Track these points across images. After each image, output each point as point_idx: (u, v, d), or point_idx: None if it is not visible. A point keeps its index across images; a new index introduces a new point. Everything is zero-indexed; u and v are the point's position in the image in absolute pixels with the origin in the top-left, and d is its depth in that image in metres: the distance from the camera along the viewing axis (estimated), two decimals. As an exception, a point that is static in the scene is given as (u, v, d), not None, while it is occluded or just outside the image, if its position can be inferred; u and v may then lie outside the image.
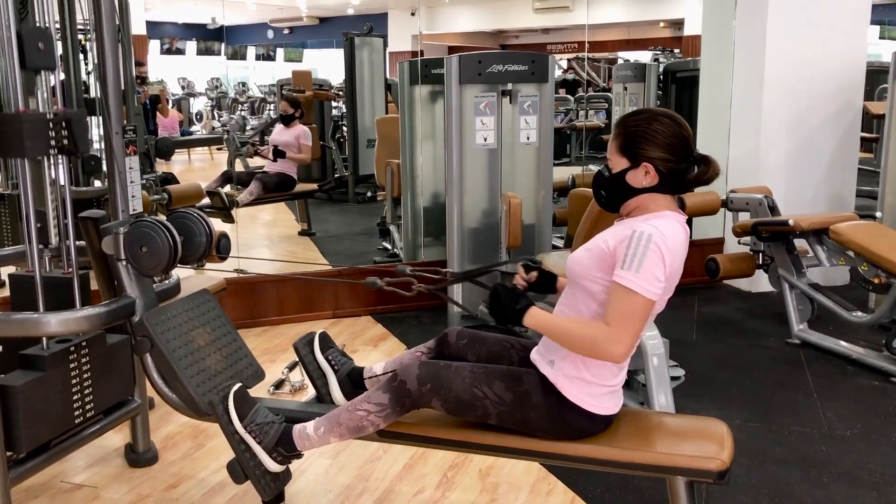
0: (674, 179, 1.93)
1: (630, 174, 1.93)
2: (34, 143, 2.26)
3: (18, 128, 2.23)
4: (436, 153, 5.21)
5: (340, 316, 4.53)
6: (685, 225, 1.94)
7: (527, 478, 2.70)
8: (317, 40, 15.74)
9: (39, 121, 2.28)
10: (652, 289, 1.81)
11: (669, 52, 12.51)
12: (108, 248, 2.29)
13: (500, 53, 4.32)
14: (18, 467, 2.25)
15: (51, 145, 2.31)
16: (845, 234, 3.66)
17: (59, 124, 2.32)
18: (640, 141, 1.91)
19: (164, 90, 10.37)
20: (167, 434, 3.04)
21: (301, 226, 6.64)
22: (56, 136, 2.31)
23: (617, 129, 1.98)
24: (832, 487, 2.63)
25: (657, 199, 1.94)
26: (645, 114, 1.96)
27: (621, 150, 1.95)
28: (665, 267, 1.82)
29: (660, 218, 1.90)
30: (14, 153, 2.28)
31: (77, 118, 2.38)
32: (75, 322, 2.21)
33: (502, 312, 1.98)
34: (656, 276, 1.81)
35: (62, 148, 2.33)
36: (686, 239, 1.93)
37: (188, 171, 9.66)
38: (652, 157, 1.90)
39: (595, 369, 1.94)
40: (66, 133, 2.34)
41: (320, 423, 2.12)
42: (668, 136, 1.90)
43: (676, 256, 1.88)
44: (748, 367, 3.75)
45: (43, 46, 2.32)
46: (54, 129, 2.31)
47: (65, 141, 2.33)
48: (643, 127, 1.92)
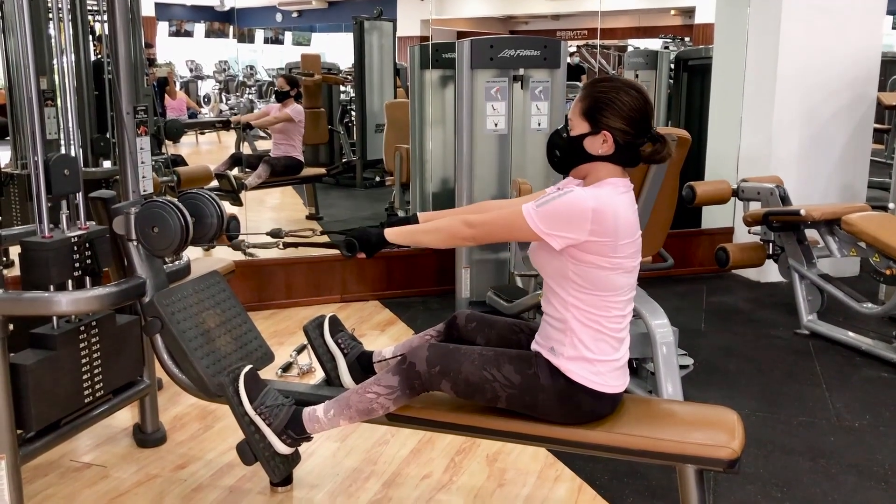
0: (628, 152, 1.94)
1: (588, 140, 1.94)
2: (59, 270, 2.29)
3: (45, 257, 2.26)
4: (445, 138, 5.19)
5: (348, 300, 4.53)
6: (630, 191, 1.96)
7: (534, 464, 2.70)
8: (325, 24, 15.69)
9: (64, 248, 2.31)
10: (540, 224, 1.87)
11: (680, 40, 12.41)
12: (119, 228, 2.29)
13: (512, 38, 4.29)
14: (28, 445, 2.25)
15: (75, 268, 2.34)
16: (857, 225, 3.63)
17: (83, 246, 2.36)
18: (605, 108, 1.91)
19: (172, 72, 10.34)
20: (176, 415, 3.05)
21: (309, 210, 6.64)
22: (80, 259, 2.36)
23: (584, 91, 1.97)
24: (840, 478, 2.63)
25: (607, 168, 1.95)
26: (615, 82, 1.95)
27: (584, 113, 1.95)
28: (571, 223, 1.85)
29: (598, 186, 1.93)
30: (39, 283, 2.29)
31: (99, 237, 2.42)
32: (86, 302, 2.21)
33: (366, 240, 2.12)
34: (550, 220, 1.87)
35: (85, 269, 2.38)
36: (631, 204, 1.95)
37: (196, 154, 9.66)
38: (612, 126, 1.91)
39: (594, 345, 1.95)
40: (90, 254, 2.38)
41: (330, 406, 2.13)
42: (632, 108, 1.91)
43: (609, 218, 1.87)
44: (757, 357, 3.73)
45: (68, 173, 2.36)
46: (78, 252, 2.35)
47: (88, 262, 2.38)
48: (611, 95, 1.91)
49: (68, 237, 2.33)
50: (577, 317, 1.94)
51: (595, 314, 1.94)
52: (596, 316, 1.94)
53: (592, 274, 1.91)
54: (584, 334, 1.95)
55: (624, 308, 1.98)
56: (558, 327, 1.98)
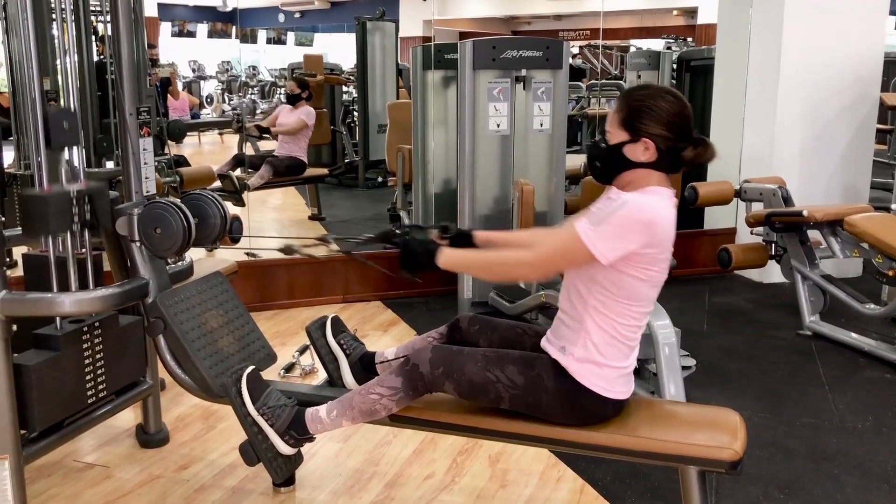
0: (670, 158, 1.93)
1: (628, 148, 1.93)
2: (58, 222, 2.28)
3: (44, 209, 2.25)
4: (448, 139, 5.19)
5: (350, 301, 4.53)
6: (673, 199, 1.94)
7: (536, 465, 2.70)
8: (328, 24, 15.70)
9: (63, 199, 2.29)
10: (600, 247, 1.82)
11: (682, 41, 12.41)
12: (122, 229, 2.30)
13: (514, 39, 4.29)
14: (31, 446, 2.26)
15: (74, 221, 2.32)
16: (860, 226, 3.63)
17: (83, 200, 2.34)
18: (643, 116, 1.91)
19: (175, 73, 10.35)
20: (178, 415, 3.06)
21: (311, 210, 6.64)
22: (79, 212, 2.34)
23: (620, 102, 1.97)
24: (843, 479, 2.63)
25: (651, 175, 1.94)
26: (651, 89, 1.95)
27: (623, 123, 1.94)
28: (630, 236, 1.82)
29: (647, 193, 1.90)
30: (40, 233, 2.30)
31: (99, 192, 2.40)
32: (89, 302, 2.21)
33: (413, 258, 2.01)
34: (610, 237, 1.83)
35: (84, 223, 2.36)
36: (674, 217, 1.93)
37: (198, 154, 9.66)
38: (652, 133, 1.90)
39: (605, 350, 1.95)
40: (89, 207, 2.36)
41: (332, 407, 2.13)
42: (670, 114, 1.90)
43: (661, 231, 1.86)
44: (759, 358, 3.73)
45: (67, 125, 2.35)
46: (77, 205, 2.33)
47: (87, 215, 2.36)
48: (647, 102, 1.91)
49: (67, 190, 2.31)
50: (595, 319, 1.93)
51: (614, 320, 1.93)
52: (614, 322, 1.93)
53: (624, 282, 1.89)
54: (599, 337, 1.94)
55: (641, 319, 1.97)
56: (573, 327, 1.97)
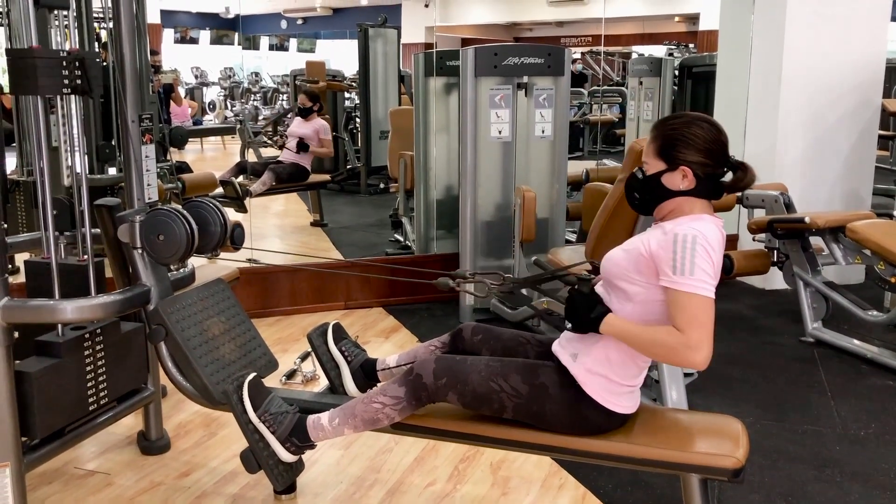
0: (710, 184, 1.93)
1: (667, 177, 1.93)
2: (48, 81, 2.20)
3: (32, 64, 2.16)
4: (450, 145, 5.20)
5: (352, 307, 4.53)
6: (721, 228, 1.93)
7: (538, 472, 2.69)
8: (330, 31, 15.72)
9: (53, 58, 2.21)
10: (708, 287, 1.80)
11: (684, 47, 12.42)
12: (124, 235, 2.30)
13: (516, 46, 4.31)
14: (33, 453, 2.26)
15: (64, 84, 2.24)
16: (862, 233, 3.63)
17: (73, 63, 2.25)
18: (679, 144, 1.91)
19: (178, 79, 10.36)
20: (180, 422, 3.05)
21: (313, 216, 6.65)
22: (70, 76, 2.25)
23: (655, 132, 1.97)
24: (846, 487, 2.62)
25: (693, 202, 1.93)
26: (684, 118, 1.95)
27: (659, 153, 1.94)
28: (713, 265, 1.82)
29: (698, 220, 1.89)
30: (28, 90, 2.22)
31: (91, 58, 2.31)
32: (91, 309, 2.21)
33: (579, 319, 1.95)
34: (708, 273, 1.80)
35: (76, 88, 2.27)
36: (723, 241, 1.92)
37: (201, 161, 9.68)
38: (690, 161, 1.90)
39: (619, 367, 1.94)
40: (80, 73, 2.27)
41: (335, 415, 2.13)
42: (706, 140, 1.90)
43: (717, 256, 1.87)
44: (761, 365, 3.73)
45: None
46: (68, 69, 2.24)
47: (78, 81, 2.27)
48: (682, 131, 1.91)
49: (57, 50, 2.27)
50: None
51: None
52: None
53: (658, 307, 1.89)
54: (616, 356, 1.94)
55: None
56: (590, 338, 1.96)
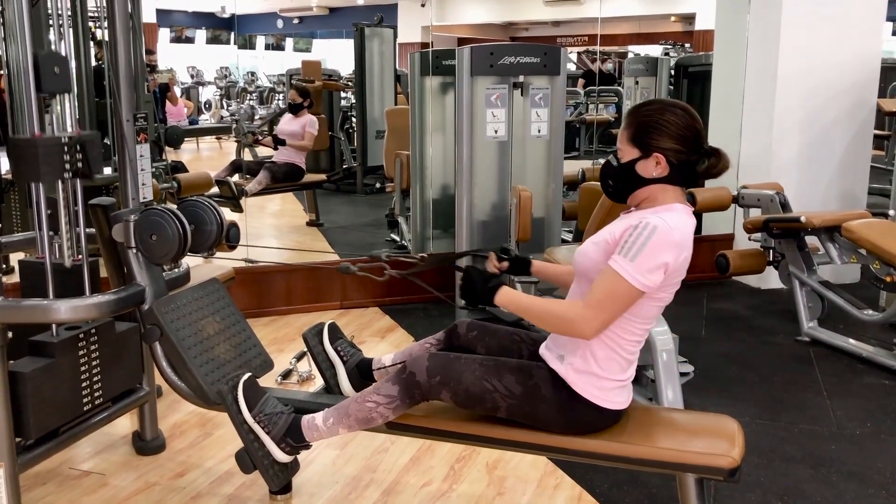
0: (684, 171, 1.91)
1: (640, 164, 1.92)
2: (49, 168, 2.25)
3: (34, 153, 2.22)
4: (446, 145, 5.19)
5: (348, 307, 4.53)
6: (692, 216, 1.93)
7: (534, 472, 2.69)
8: (326, 30, 15.72)
9: (55, 145, 2.27)
10: (642, 279, 1.80)
11: (680, 47, 12.45)
12: (118, 235, 2.29)
13: (512, 45, 4.30)
14: (27, 453, 2.25)
15: (65, 169, 2.30)
16: (858, 232, 3.63)
17: (74, 147, 2.32)
18: (652, 131, 1.90)
19: (173, 78, 10.35)
20: (175, 422, 3.05)
21: (309, 216, 6.64)
22: (71, 160, 2.31)
23: (629, 118, 1.96)
24: (841, 486, 2.62)
25: (667, 190, 1.92)
26: (658, 104, 1.94)
27: (632, 139, 1.93)
28: (666, 261, 1.81)
29: (669, 211, 1.88)
30: (30, 178, 2.27)
31: (91, 140, 2.37)
32: (85, 309, 2.20)
33: (473, 292, 2.01)
34: (650, 268, 1.80)
35: (76, 171, 2.34)
36: (692, 231, 1.91)
37: (196, 160, 9.67)
38: (663, 147, 1.89)
39: (605, 363, 1.94)
40: (81, 156, 2.34)
41: (329, 414, 2.12)
42: (680, 127, 1.89)
43: (684, 249, 1.86)
44: (757, 364, 3.73)
45: (59, 70, 2.32)
46: (69, 153, 2.31)
47: (79, 164, 2.33)
48: (656, 117, 1.90)
49: (58, 136, 2.29)
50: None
51: (616, 334, 1.92)
52: (616, 335, 1.92)
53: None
54: (599, 351, 1.93)
55: (643, 334, 1.97)
56: (572, 339, 1.96)
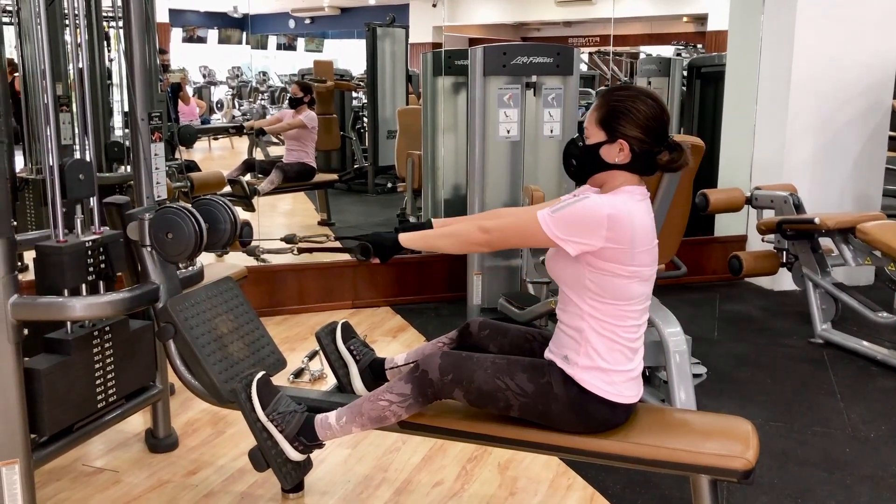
0: (644, 161, 1.94)
1: (605, 148, 1.94)
2: (74, 275, 2.30)
3: (59, 260, 2.27)
4: (457, 145, 5.20)
5: (360, 306, 4.53)
6: (647, 198, 1.96)
7: (546, 472, 2.68)
8: (338, 30, 15.73)
9: (79, 252, 2.32)
10: (555, 229, 1.87)
11: (692, 47, 12.38)
12: (133, 233, 2.30)
13: (524, 45, 4.30)
14: (41, 450, 2.26)
15: (89, 272, 2.35)
16: (872, 234, 3.60)
17: (98, 251, 2.37)
18: (621, 117, 1.92)
19: (186, 78, 10.38)
20: (188, 420, 3.06)
21: (321, 216, 6.65)
22: (94, 263, 2.37)
23: (600, 101, 1.98)
24: (856, 490, 2.60)
25: (625, 177, 1.95)
26: (630, 91, 1.97)
27: (600, 122, 1.95)
28: (587, 230, 1.85)
29: (615, 193, 1.93)
30: (53, 288, 2.30)
31: (112, 242, 2.42)
32: (100, 307, 2.22)
33: (381, 245, 2.13)
34: (565, 227, 1.87)
35: (99, 273, 2.39)
36: (648, 213, 1.94)
37: (209, 159, 9.69)
38: (629, 135, 1.91)
39: (608, 355, 1.94)
40: (104, 258, 2.39)
41: (342, 413, 2.12)
42: (648, 117, 1.91)
43: (624, 225, 1.86)
44: (770, 366, 3.71)
45: (83, 177, 2.37)
46: (93, 256, 2.36)
47: (102, 266, 2.39)
48: (627, 104, 1.92)
49: (83, 241, 2.34)
50: (592, 326, 1.94)
51: (611, 323, 1.93)
52: (612, 325, 1.93)
53: (609, 282, 1.90)
54: (599, 344, 1.94)
55: (639, 318, 1.97)
56: (573, 336, 1.97)
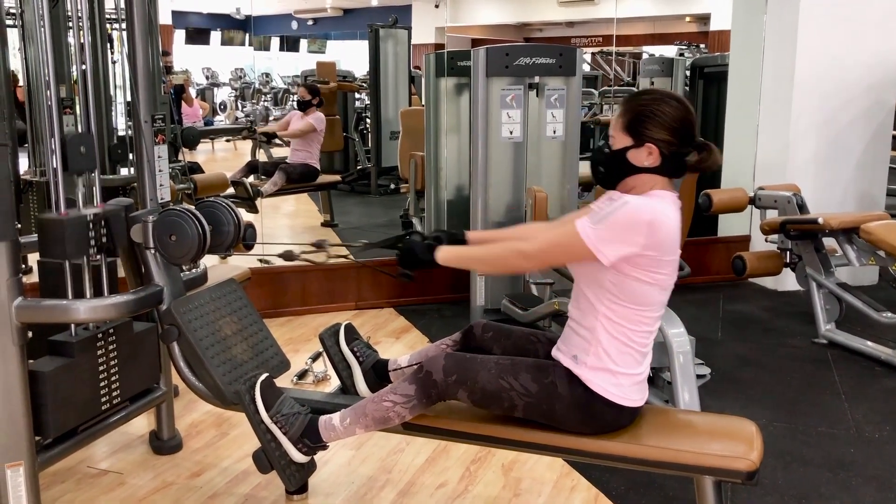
0: (674, 162, 1.93)
1: (632, 153, 1.93)
2: (75, 247, 2.29)
3: (61, 232, 2.26)
4: (460, 146, 5.20)
5: (363, 307, 4.53)
6: (677, 202, 1.94)
7: (550, 473, 2.68)
8: (340, 31, 15.75)
9: (81, 224, 2.30)
10: (598, 244, 1.83)
11: (695, 47, 12.36)
12: (136, 236, 2.30)
13: (527, 46, 4.30)
14: (46, 452, 2.27)
15: (90, 245, 2.34)
16: (876, 234, 3.60)
17: (99, 224, 2.36)
18: (647, 121, 1.90)
19: (189, 80, 10.39)
20: (192, 422, 3.06)
21: (324, 217, 6.66)
22: (96, 236, 2.35)
23: (624, 106, 1.97)
24: (860, 490, 2.60)
25: (655, 180, 1.94)
26: (653, 94, 1.95)
27: (626, 128, 1.94)
28: (630, 237, 1.82)
29: (655, 196, 1.90)
30: (56, 255, 2.30)
31: (115, 215, 2.40)
32: (104, 309, 2.22)
33: (412, 256, 2.05)
34: (610, 237, 1.83)
35: (101, 247, 2.38)
36: (678, 219, 1.92)
37: (212, 161, 9.70)
38: (656, 138, 1.90)
39: (619, 358, 1.94)
40: (105, 231, 2.38)
41: (346, 415, 2.12)
42: (674, 119, 1.90)
43: (662, 232, 1.85)
44: (774, 367, 3.70)
45: (85, 150, 2.35)
46: (94, 230, 2.34)
47: (104, 239, 2.38)
48: (651, 107, 1.91)
49: (84, 214, 2.32)
50: (606, 327, 1.93)
51: (625, 327, 1.92)
52: (625, 329, 1.92)
53: (631, 287, 1.89)
54: (611, 346, 1.93)
55: (653, 324, 1.97)
56: (584, 336, 1.97)
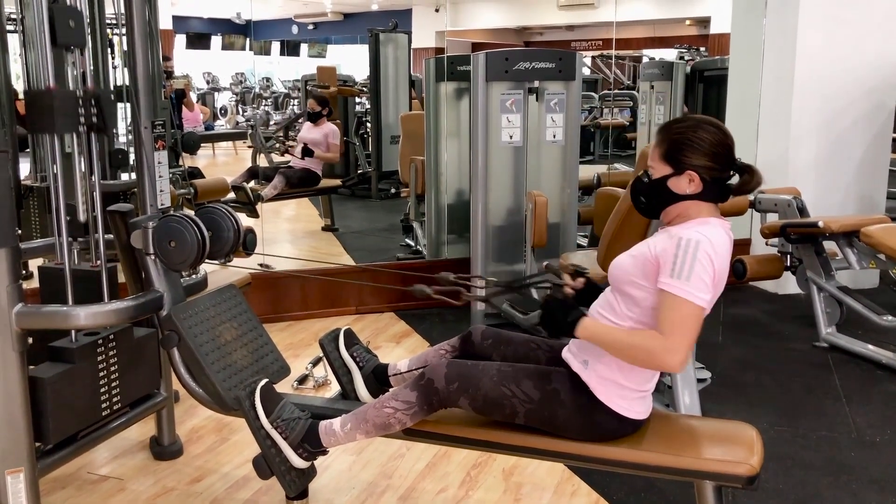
0: (716, 187, 1.92)
1: (672, 181, 1.92)
2: (64, 120, 2.25)
3: (49, 104, 2.21)
4: (460, 150, 5.20)
5: (363, 312, 4.53)
6: (729, 231, 1.93)
7: (551, 479, 2.68)
8: (341, 36, 15.76)
9: (69, 98, 2.26)
10: (702, 296, 1.79)
11: (695, 51, 12.38)
12: (136, 242, 2.30)
13: (527, 51, 4.30)
14: (46, 458, 2.26)
15: (80, 122, 2.29)
16: (877, 237, 3.60)
17: (89, 101, 2.31)
18: (685, 148, 1.90)
19: (189, 84, 10.40)
20: (192, 427, 3.06)
21: (324, 221, 6.66)
22: (85, 114, 2.30)
23: (660, 135, 1.96)
24: (861, 494, 2.59)
25: (700, 206, 1.92)
26: (689, 121, 1.94)
27: (665, 157, 1.93)
28: (714, 273, 1.81)
29: (705, 225, 1.88)
30: (45, 129, 2.27)
31: (106, 96, 2.36)
32: (104, 315, 2.22)
33: (555, 324, 1.96)
34: (705, 283, 1.80)
35: (91, 126, 2.33)
36: (730, 247, 1.91)
37: (212, 166, 9.71)
38: (696, 164, 1.89)
39: (630, 374, 1.93)
40: (96, 111, 2.32)
41: (346, 420, 2.12)
42: (713, 144, 1.89)
43: (723, 261, 1.86)
44: (775, 370, 3.70)
45: (73, 24, 2.30)
46: (84, 107, 2.29)
47: (94, 118, 2.32)
48: (688, 134, 1.90)
49: (73, 90, 2.30)
50: None
51: None
52: None
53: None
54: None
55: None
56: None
